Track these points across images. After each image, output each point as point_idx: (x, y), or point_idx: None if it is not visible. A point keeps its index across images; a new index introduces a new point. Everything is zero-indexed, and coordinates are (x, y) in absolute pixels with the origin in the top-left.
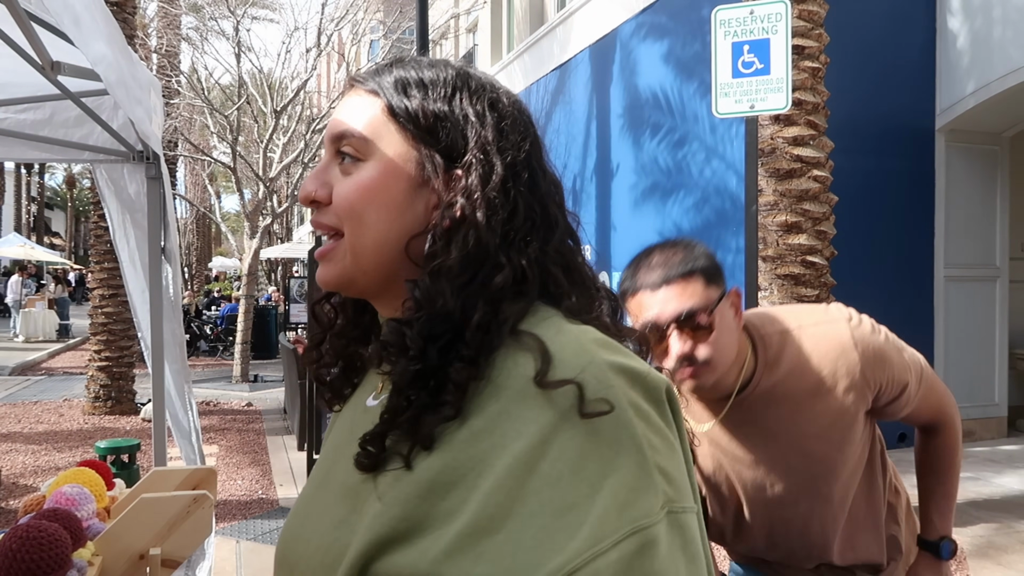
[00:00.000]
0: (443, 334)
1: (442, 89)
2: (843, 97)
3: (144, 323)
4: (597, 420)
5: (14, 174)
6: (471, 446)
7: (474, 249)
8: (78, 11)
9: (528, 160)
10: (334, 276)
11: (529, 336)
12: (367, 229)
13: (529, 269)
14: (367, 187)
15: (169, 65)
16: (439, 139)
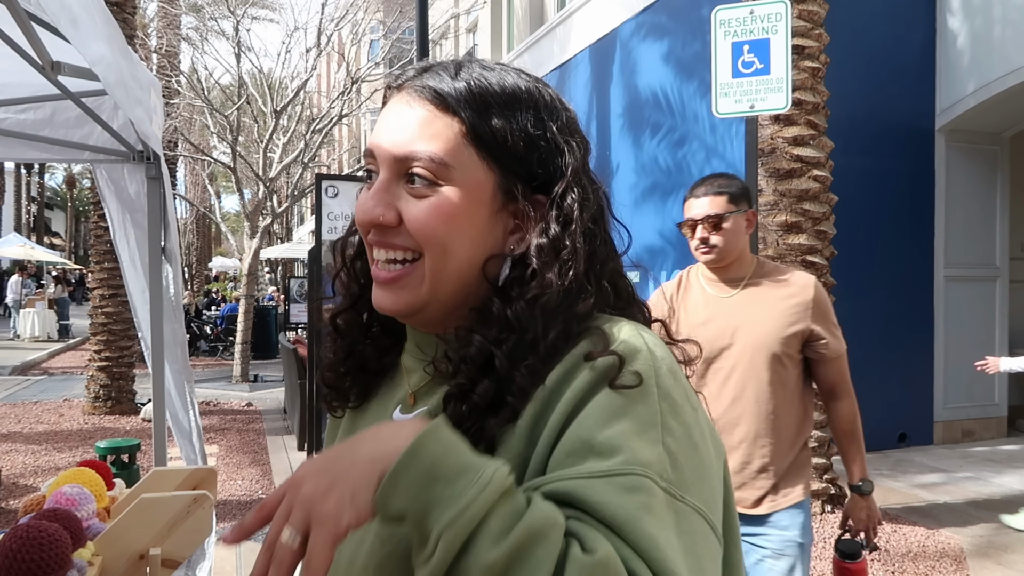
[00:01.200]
0: (525, 356)
1: (522, 108)
2: (843, 97)
3: (144, 323)
4: (632, 395)
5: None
6: (525, 446)
7: (574, 281)
8: (76, 11)
9: (603, 194)
10: (405, 303)
11: (594, 329)
12: (451, 256)
13: (602, 284)
14: (450, 214)
15: (169, 65)
16: (528, 164)
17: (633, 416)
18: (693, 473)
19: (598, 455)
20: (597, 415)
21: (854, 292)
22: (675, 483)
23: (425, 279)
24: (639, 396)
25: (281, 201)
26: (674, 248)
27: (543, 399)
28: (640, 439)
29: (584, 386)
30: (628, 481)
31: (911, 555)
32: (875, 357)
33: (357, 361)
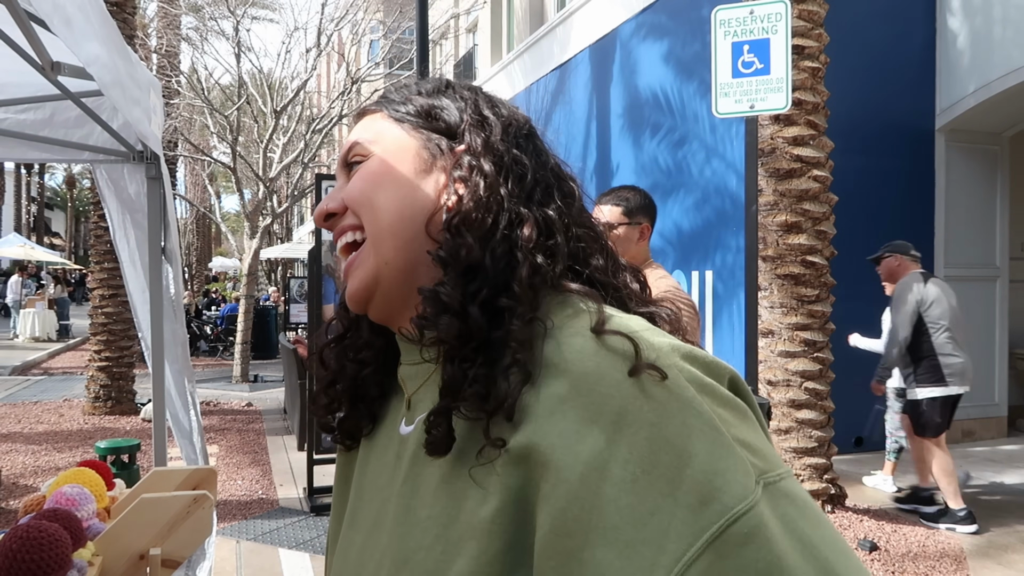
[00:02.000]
0: (479, 290)
1: (434, 85)
2: (843, 97)
3: (144, 323)
4: (662, 409)
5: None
6: (550, 424)
7: (486, 195)
8: (70, 12)
9: (529, 134)
10: (362, 280)
11: (579, 296)
12: (380, 210)
13: (557, 223)
14: (372, 171)
15: (169, 65)
16: (438, 120)
17: (691, 451)
18: (762, 443)
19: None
20: (644, 473)
21: (854, 292)
22: (764, 468)
23: (369, 246)
24: (678, 411)
25: (281, 201)
26: (674, 248)
27: (555, 398)
28: (717, 474)
29: (617, 382)
30: (733, 538)
31: (911, 555)
32: (875, 357)
33: (357, 392)
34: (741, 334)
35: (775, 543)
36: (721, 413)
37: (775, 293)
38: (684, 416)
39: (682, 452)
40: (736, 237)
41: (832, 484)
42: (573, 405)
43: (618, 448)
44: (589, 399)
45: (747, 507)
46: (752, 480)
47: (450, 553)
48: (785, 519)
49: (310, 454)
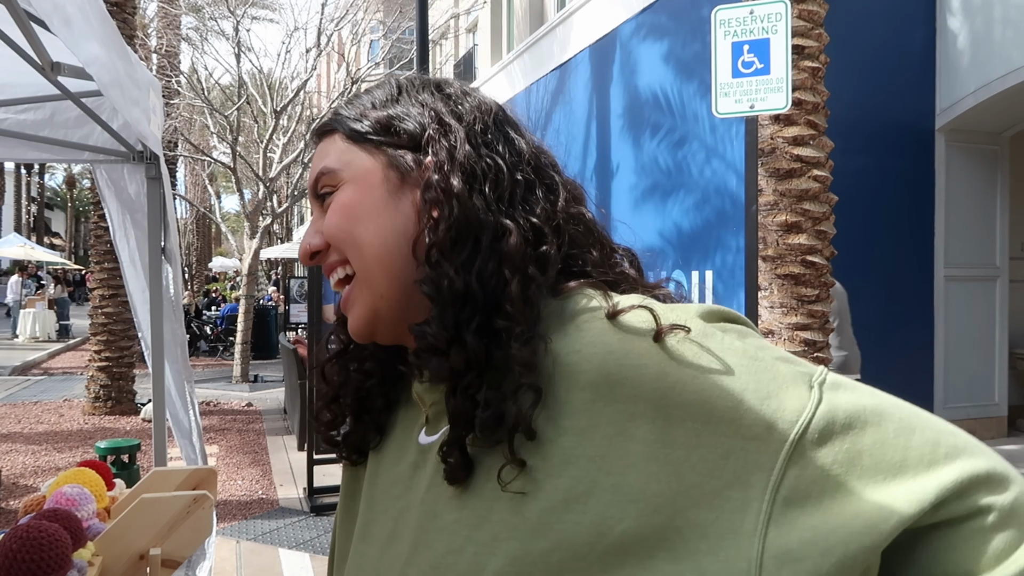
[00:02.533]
0: (470, 318)
1: (386, 93)
2: (843, 97)
3: (144, 323)
4: (699, 359)
5: (14, 174)
6: (585, 443)
7: (461, 217)
8: (69, 12)
9: (497, 125)
10: (358, 317)
11: (582, 290)
12: (363, 246)
13: (544, 226)
14: (345, 205)
15: (169, 65)
16: (398, 135)
17: (741, 386)
18: (796, 359)
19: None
20: (704, 424)
21: (854, 292)
22: (810, 371)
23: (361, 282)
24: (711, 358)
25: (281, 201)
26: (674, 249)
27: (580, 405)
28: (772, 397)
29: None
30: (805, 455)
31: None
32: (875, 357)
33: (362, 405)
34: None
35: (851, 428)
36: (752, 342)
37: (775, 293)
38: (723, 358)
39: (732, 391)
40: (736, 237)
41: None
42: (606, 402)
43: (671, 413)
44: (621, 386)
45: (810, 413)
46: (806, 388)
47: (484, 554)
48: (853, 403)
49: (310, 454)
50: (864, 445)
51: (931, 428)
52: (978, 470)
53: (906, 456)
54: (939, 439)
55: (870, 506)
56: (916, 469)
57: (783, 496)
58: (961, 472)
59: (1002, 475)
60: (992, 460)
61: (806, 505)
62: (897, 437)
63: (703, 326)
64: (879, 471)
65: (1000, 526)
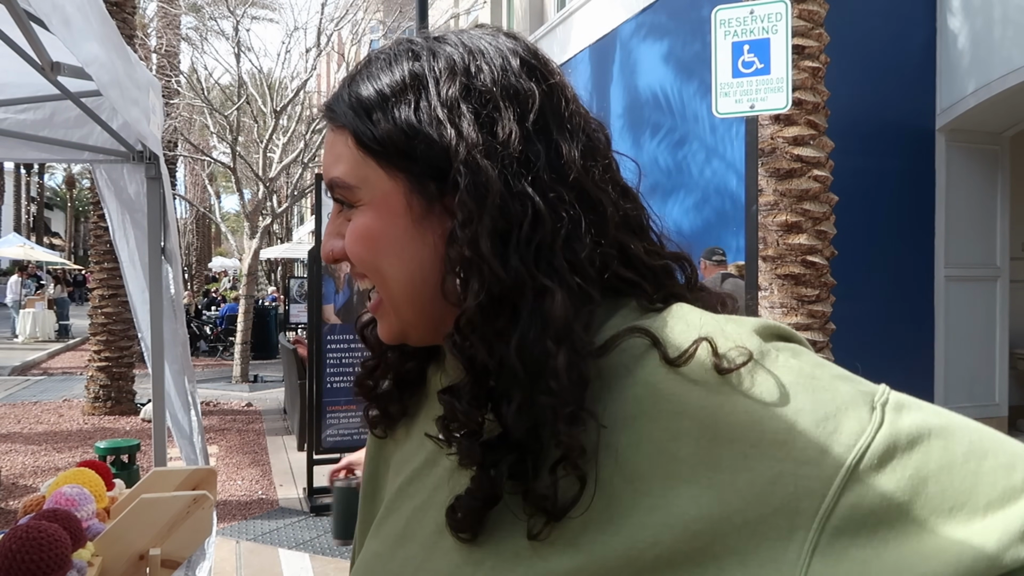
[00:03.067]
0: (506, 394)
1: (404, 97)
2: (843, 97)
3: (144, 323)
4: (751, 382)
5: (14, 174)
6: (618, 459)
7: (494, 289)
8: (69, 12)
9: (543, 131)
10: (387, 332)
11: (633, 331)
12: (388, 280)
13: (588, 278)
14: (366, 236)
15: (169, 65)
16: (418, 160)
17: (796, 409)
18: (857, 378)
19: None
20: (758, 453)
21: (854, 292)
22: (871, 391)
23: (387, 307)
24: (769, 381)
25: (281, 201)
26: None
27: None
28: (830, 419)
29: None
30: (864, 479)
31: None
32: (875, 357)
33: (399, 377)
34: None
35: (914, 452)
36: (808, 359)
37: (775, 293)
38: (777, 379)
39: (786, 412)
40: (736, 237)
41: None
42: (648, 418)
43: (718, 433)
44: (667, 401)
45: (870, 436)
46: (867, 409)
47: (502, 570)
48: (918, 425)
49: (310, 454)
50: (930, 471)
51: (1006, 452)
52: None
53: (976, 484)
54: (1015, 464)
55: (937, 542)
56: (989, 499)
57: (834, 525)
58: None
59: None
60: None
61: (859, 536)
62: (967, 461)
63: (759, 344)
64: (947, 500)
65: None
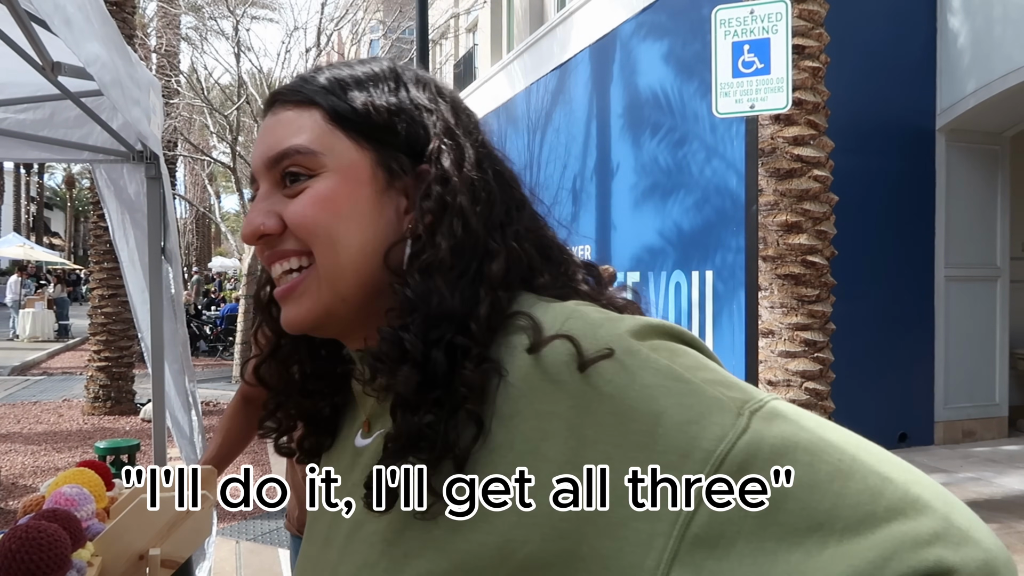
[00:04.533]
0: (443, 336)
1: (384, 83)
2: (843, 97)
3: (144, 323)
4: (617, 381)
5: (13, 174)
6: (498, 461)
7: (463, 236)
8: (70, 12)
9: (485, 143)
10: (308, 312)
11: (518, 315)
12: (341, 246)
13: (519, 250)
14: (328, 199)
15: (169, 65)
16: (397, 134)
17: (661, 409)
18: (735, 380)
19: None
20: (616, 447)
21: (854, 292)
22: (745, 399)
23: (322, 279)
24: (635, 378)
25: None
26: (674, 248)
27: (506, 421)
28: (693, 423)
29: (568, 414)
30: (726, 478)
31: None
32: (875, 357)
33: (308, 412)
34: (741, 334)
35: (775, 465)
36: (683, 362)
37: (775, 293)
38: (643, 379)
39: (650, 414)
40: (736, 237)
41: None
42: (522, 418)
43: (584, 434)
44: (539, 402)
45: (730, 443)
46: (732, 415)
47: (393, 571)
48: (784, 437)
49: None
50: (791, 487)
51: (876, 474)
52: (929, 529)
53: (836, 505)
54: (883, 489)
55: (783, 569)
56: (847, 524)
57: (693, 534)
58: (905, 534)
59: (962, 534)
60: (951, 516)
61: (716, 548)
62: (832, 481)
63: (629, 344)
64: (803, 520)
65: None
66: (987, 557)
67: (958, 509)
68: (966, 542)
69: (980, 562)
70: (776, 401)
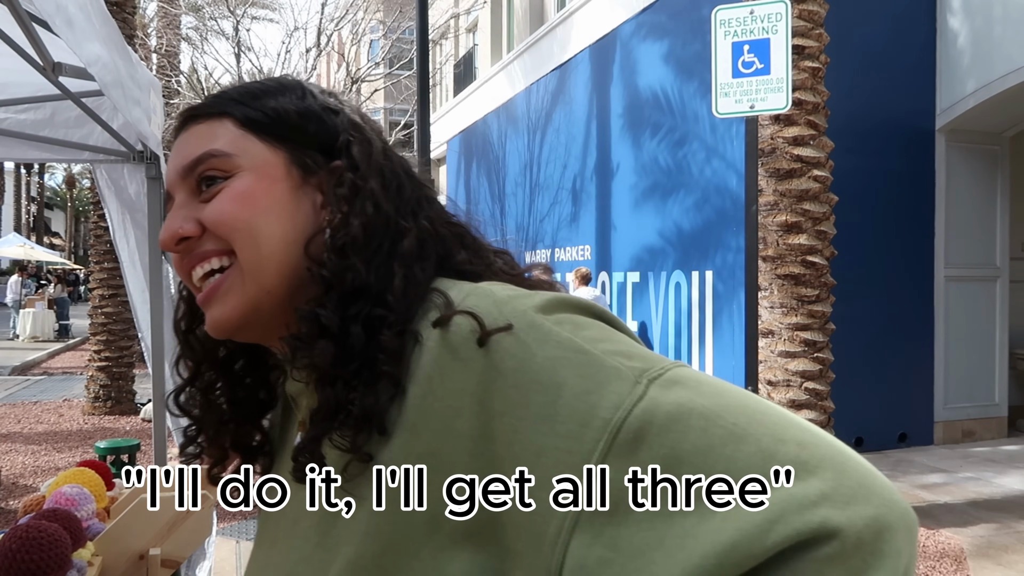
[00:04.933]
0: (361, 310)
1: (291, 93)
2: (843, 97)
3: (144, 323)
4: (519, 354)
5: (14, 174)
6: (416, 441)
7: (375, 216)
8: (71, 12)
9: (386, 143)
10: (234, 309)
11: (434, 292)
12: (262, 238)
13: (430, 230)
14: (247, 194)
15: (169, 65)
16: (308, 133)
17: (560, 381)
18: (639, 349)
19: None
20: (520, 419)
21: (854, 292)
22: (645, 367)
23: (245, 274)
24: (537, 350)
25: None
26: (674, 248)
27: (418, 401)
28: (591, 393)
29: (476, 390)
30: (624, 443)
31: None
32: (875, 357)
33: (236, 439)
34: (741, 334)
35: (670, 431)
36: (586, 335)
37: (775, 293)
38: (544, 351)
39: (550, 386)
40: (736, 237)
41: None
42: (435, 398)
43: (492, 408)
44: (451, 380)
45: (627, 411)
46: (629, 383)
47: (327, 561)
48: (680, 403)
49: None
50: (684, 451)
51: (770, 437)
52: (817, 491)
53: (729, 469)
54: (775, 451)
55: (678, 532)
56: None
57: (593, 501)
58: (792, 496)
59: (851, 493)
60: (842, 476)
61: (615, 515)
62: (724, 445)
63: (532, 318)
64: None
65: (840, 560)
66: (876, 513)
67: (852, 468)
68: (855, 500)
69: (868, 518)
70: (678, 368)
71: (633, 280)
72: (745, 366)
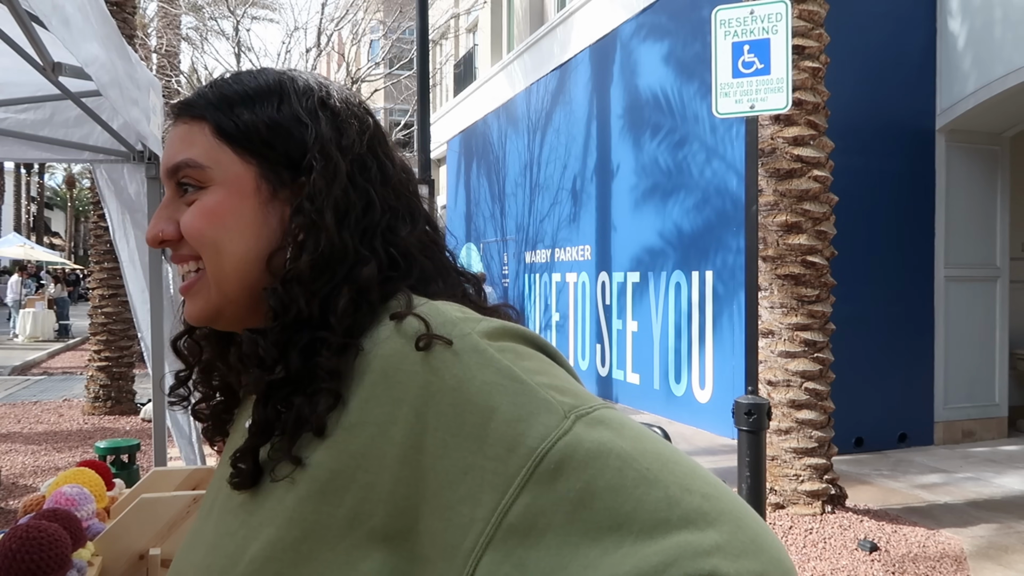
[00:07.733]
0: (300, 340)
1: (267, 99)
2: (843, 97)
3: (144, 323)
4: (461, 374)
5: (14, 174)
6: (352, 440)
7: (326, 252)
8: (69, 12)
9: (374, 151)
10: (200, 310)
11: (393, 301)
12: (225, 255)
13: (401, 259)
14: (213, 211)
15: (169, 65)
16: (276, 149)
17: (494, 405)
18: (574, 385)
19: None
20: (453, 436)
21: (854, 292)
22: (575, 404)
23: (211, 282)
24: (478, 373)
25: None
26: (674, 249)
27: (361, 403)
28: (520, 421)
29: (414, 401)
30: (545, 473)
31: (911, 556)
32: (875, 357)
33: (209, 386)
34: (741, 334)
35: (588, 467)
36: (525, 365)
37: (775, 293)
38: (483, 375)
39: (485, 409)
40: (736, 237)
41: (832, 484)
42: (377, 402)
43: (428, 421)
44: (392, 388)
45: (551, 442)
46: (558, 417)
47: (249, 539)
48: (601, 443)
49: None
50: (598, 488)
51: (678, 486)
52: (712, 541)
53: (636, 510)
54: (680, 499)
55: (591, 557)
56: (643, 527)
57: (509, 522)
58: (689, 543)
59: (743, 547)
60: (737, 530)
61: (528, 538)
62: (636, 487)
63: (477, 342)
64: (606, 520)
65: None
66: (762, 570)
67: (747, 524)
68: (745, 555)
69: (755, 573)
70: (605, 410)
71: (633, 280)
72: (745, 366)
